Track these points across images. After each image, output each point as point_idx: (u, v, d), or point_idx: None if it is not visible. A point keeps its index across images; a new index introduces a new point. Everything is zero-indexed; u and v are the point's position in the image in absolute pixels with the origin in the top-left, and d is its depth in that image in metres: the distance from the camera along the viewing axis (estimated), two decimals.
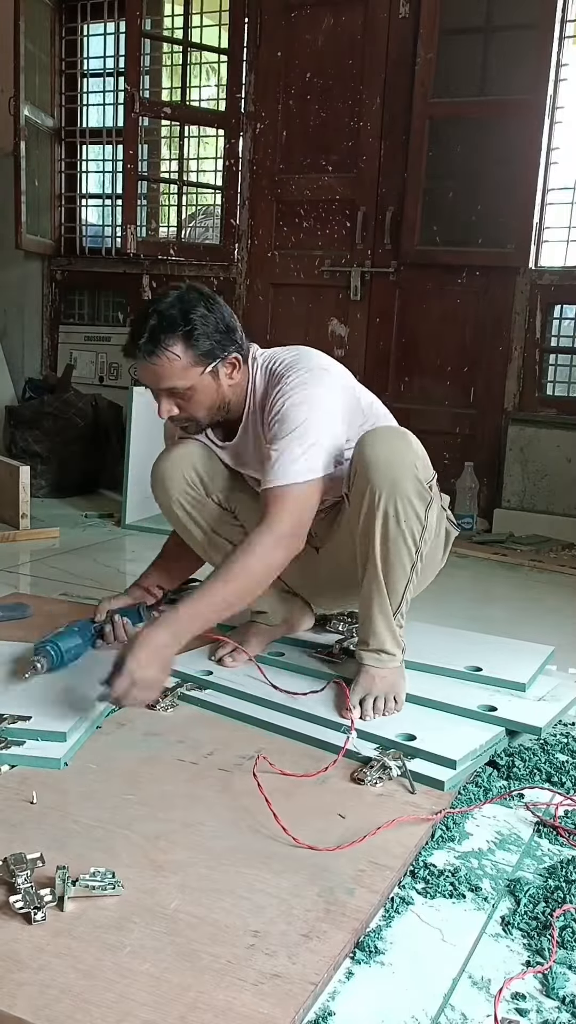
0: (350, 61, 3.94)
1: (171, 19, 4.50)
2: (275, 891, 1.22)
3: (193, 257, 4.45)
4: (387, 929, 1.19)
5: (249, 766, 1.52)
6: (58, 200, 4.81)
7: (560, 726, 1.84)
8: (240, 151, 4.24)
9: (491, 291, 3.80)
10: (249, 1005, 1.00)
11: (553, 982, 1.10)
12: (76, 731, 1.60)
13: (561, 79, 3.60)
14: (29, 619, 2.25)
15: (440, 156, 3.81)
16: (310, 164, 4.09)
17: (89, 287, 4.81)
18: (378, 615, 1.74)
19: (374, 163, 3.95)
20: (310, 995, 1.03)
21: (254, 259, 4.29)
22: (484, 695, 1.83)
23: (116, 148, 4.68)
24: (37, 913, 1.12)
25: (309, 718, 1.72)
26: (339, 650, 2.00)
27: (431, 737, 1.63)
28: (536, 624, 2.54)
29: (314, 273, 4.13)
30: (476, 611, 2.74)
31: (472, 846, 1.41)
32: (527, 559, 3.34)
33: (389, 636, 1.75)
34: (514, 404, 3.81)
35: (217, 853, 1.30)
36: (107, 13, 4.61)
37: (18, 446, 4.11)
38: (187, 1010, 0.99)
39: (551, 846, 1.42)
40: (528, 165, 3.61)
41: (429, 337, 3.94)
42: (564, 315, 3.79)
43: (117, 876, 1.20)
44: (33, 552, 3.18)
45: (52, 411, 4.10)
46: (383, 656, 1.77)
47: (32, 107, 4.43)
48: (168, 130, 4.64)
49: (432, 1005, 1.06)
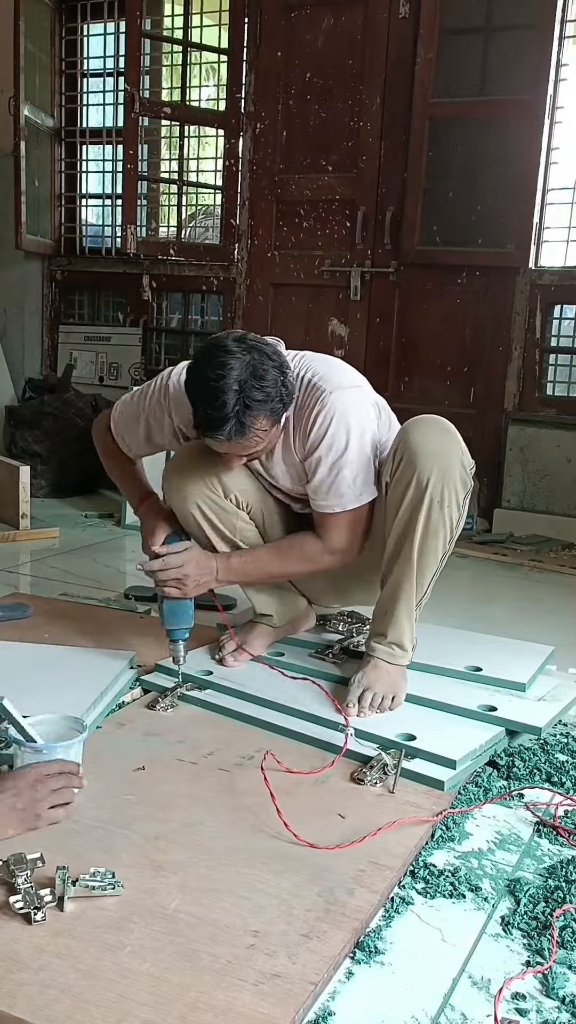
0: (350, 61, 3.94)
1: (171, 19, 4.50)
2: (275, 891, 1.22)
3: (193, 257, 4.45)
4: (387, 929, 1.19)
5: (249, 766, 1.53)
6: (58, 200, 4.81)
7: (560, 726, 1.84)
8: (240, 151, 4.24)
9: (491, 291, 3.80)
10: (249, 1005, 1.00)
11: (553, 982, 1.10)
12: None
13: (561, 79, 3.60)
14: (29, 619, 2.25)
15: (440, 156, 3.81)
16: (310, 164, 4.09)
17: (89, 287, 4.81)
18: (403, 606, 1.76)
19: (374, 163, 3.95)
20: (310, 995, 1.03)
21: (254, 259, 4.29)
22: (484, 695, 1.83)
23: (116, 148, 4.68)
24: (37, 913, 1.12)
25: (309, 718, 1.72)
26: (339, 650, 2.00)
27: (431, 737, 1.63)
28: (536, 624, 2.54)
29: (314, 273, 4.13)
30: (476, 611, 2.74)
31: (472, 846, 1.41)
32: (527, 559, 3.34)
33: (408, 629, 1.78)
34: (514, 404, 3.81)
35: (217, 853, 1.30)
36: (107, 13, 4.61)
37: (18, 446, 4.11)
38: (187, 1010, 0.99)
39: (551, 846, 1.42)
40: (528, 165, 3.61)
41: (429, 337, 3.94)
42: (564, 315, 3.78)
43: (117, 876, 1.20)
44: (33, 552, 3.18)
45: (52, 411, 4.10)
46: (396, 651, 1.78)
47: (32, 107, 4.43)
48: (168, 130, 4.64)
49: (432, 1005, 1.06)
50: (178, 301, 4.67)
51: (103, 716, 1.72)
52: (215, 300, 4.54)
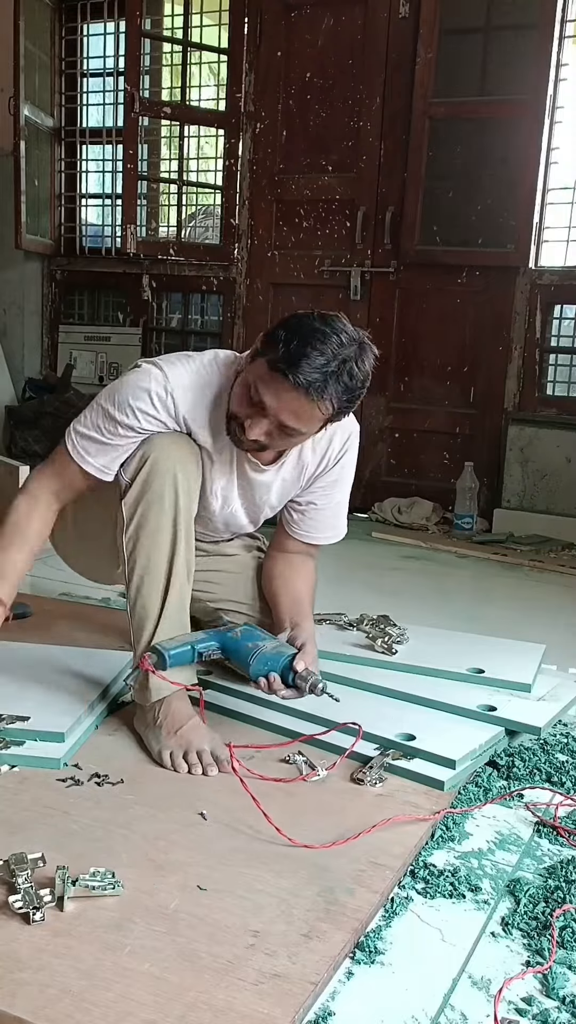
0: (350, 61, 3.94)
1: (171, 19, 4.50)
2: (275, 891, 1.22)
3: (193, 257, 4.45)
4: (387, 929, 1.19)
5: (250, 766, 1.52)
6: (58, 200, 4.81)
7: (560, 726, 1.84)
8: (240, 151, 4.24)
9: (491, 291, 3.80)
10: (249, 1005, 1.00)
11: (553, 982, 1.10)
12: (75, 731, 1.60)
13: (561, 79, 3.60)
14: (29, 619, 2.25)
15: (440, 156, 3.81)
16: (310, 164, 4.09)
17: (89, 287, 4.81)
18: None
19: (374, 163, 3.95)
20: (310, 995, 1.03)
21: (254, 259, 4.29)
22: (483, 695, 1.83)
23: (116, 148, 4.68)
24: (36, 913, 1.12)
25: (309, 718, 1.72)
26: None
27: (431, 737, 1.63)
28: (536, 624, 2.54)
29: (314, 273, 4.13)
30: (476, 611, 2.74)
31: (472, 846, 1.41)
32: (527, 559, 3.34)
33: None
34: (514, 404, 3.81)
35: (217, 853, 1.30)
36: (107, 13, 4.60)
37: (18, 446, 4.11)
38: (187, 1010, 0.99)
39: (551, 846, 1.42)
40: (528, 165, 3.61)
41: (429, 337, 3.94)
42: (564, 315, 3.79)
43: (117, 876, 1.20)
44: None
45: (52, 411, 4.11)
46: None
47: (32, 107, 4.43)
48: (168, 130, 4.63)
49: (432, 1005, 1.06)
50: (178, 301, 4.67)
51: (102, 716, 1.72)
52: (215, 300, 4.54)
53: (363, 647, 2.03)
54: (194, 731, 1.57)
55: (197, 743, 1.55)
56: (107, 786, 1.47)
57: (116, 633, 2.17)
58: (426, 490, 3.93)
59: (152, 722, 1.59)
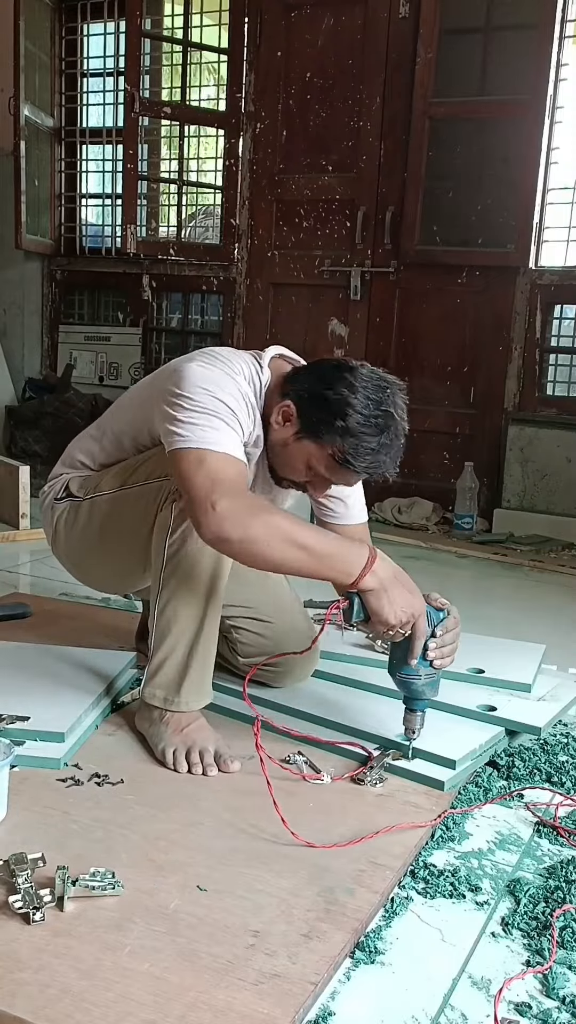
0: (350, 61, 3.94)
1: (171, 19, 4.50)
2: (275, 891, 1.22)
3: (193, 257, 4.45)
4: (387, 929, 1.19)
5: (249, 766, 1.52)
6: (58, 200, 4.81)
7: (560, 726, 1.84)
8: (240, 151, 4.24)
9: (491, 291, 3.80)
10: (249, 1005, 1.00)
11: (553, 982, 1.10)
12: (75, 731, 1.60)
13: (561, 79, 3.60)
14: (29, 619, 2.25)
15: (440, 156, 3.81)
16: (310, 164, 4.09)
17: (89, 287, 4.81)
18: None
19: (374, 163, 3.95)
20: (310, 995, 1.03)
21: (254, 259, 4.29)
22: (483, 695, 1.83)
23: (116, 148, 4.68)
24: (36, 913, 1.12)
25: (310, 718, 1.72)
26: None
27: (431, 737, 1.63)
28: (536, 624, 2.54)
29: (314, 273, 4.13)
30: (476, 611, 2.73)
31: (472, 846, 1.41)
32: (527, 559, 3.34)
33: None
34: (514, 404, 3.81)
35: (217, 853, 1.30)
36: (107, 13, 4.61)
37: (18, 446, 4.11)
38: (187, 1010, 0.99)
39: (551, 846, 1.42)
40: (528, 165, 3.61)
41: (429, 337, 3.94)
42: (564, 315, 3.79)
43: (117, 876, 1.20)
44: (33, 552, 3.17)
45: (52, 411, 4.10)
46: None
47: (32, 107, 4.43)
48: (168, 130, 4.63)
49: (432, 1005, 1.06)
50: (178, 301, 4.67)
51: (102, 716, 1.72)
52: (215, 300, 4.54)
53: (363, 647, 2.03)
54: (199, 731, 1.58)
55: (201, 743, 1.55)
56: (107, 786, 1.47)
57: (116, 633, 2.17)
58: (426, 490, 3.93)
59: (159, 719, 1.59)
